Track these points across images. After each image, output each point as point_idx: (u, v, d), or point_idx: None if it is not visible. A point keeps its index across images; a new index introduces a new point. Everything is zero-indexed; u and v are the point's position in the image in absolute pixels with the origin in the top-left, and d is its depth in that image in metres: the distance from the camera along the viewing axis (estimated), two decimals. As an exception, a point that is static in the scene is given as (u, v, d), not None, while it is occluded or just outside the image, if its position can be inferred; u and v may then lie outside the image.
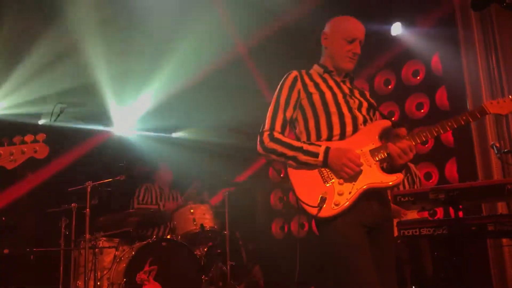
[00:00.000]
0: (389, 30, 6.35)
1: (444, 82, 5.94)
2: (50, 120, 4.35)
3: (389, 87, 6.79)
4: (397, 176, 2.33)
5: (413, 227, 3.69)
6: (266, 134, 2.48)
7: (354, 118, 2.47)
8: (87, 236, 4.60)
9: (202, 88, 6.82)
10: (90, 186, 4.74)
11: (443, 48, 5.83)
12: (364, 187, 2.31)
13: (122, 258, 4.69)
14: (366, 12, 6.18)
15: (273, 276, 6.40)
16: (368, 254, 2.27)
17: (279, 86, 2.57)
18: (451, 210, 3.67)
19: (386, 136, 2.49)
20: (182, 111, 7.32)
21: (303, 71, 2.62)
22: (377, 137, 2.43)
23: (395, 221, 4.52)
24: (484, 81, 5.16)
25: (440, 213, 5.72)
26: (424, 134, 2.41)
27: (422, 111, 6.36)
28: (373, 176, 2.34)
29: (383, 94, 6.77)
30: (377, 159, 2.37)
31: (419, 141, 2.39)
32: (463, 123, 2.38)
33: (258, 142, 2.51)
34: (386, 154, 2.37)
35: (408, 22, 6.21)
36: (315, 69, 2.66)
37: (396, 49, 6.42)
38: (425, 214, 4.85)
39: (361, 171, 2.33)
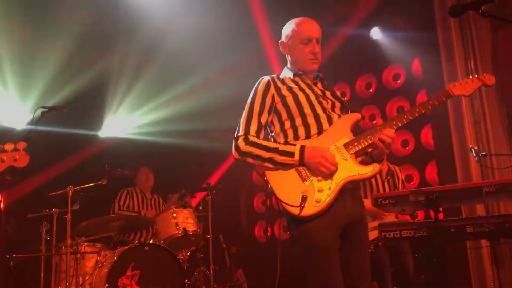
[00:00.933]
0: (370, 34, 6.43)
1: (425, 85, 6.03)
2: (31, 124, 4.30)
3: (370, 90, 6.87)
4: (374, 166, 2.38)
5: (394, 229, 3.72)
6: (241, 138, 2.48)
7: (329, 118, 2.51)
8: (69, 241, 4.55)
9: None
10: (71, 190, 4.69)
11: (424, 52, 5.92)
12: (343, 181, 2.35)
13: (104, 263, 4.65)
14: (347, 16, 6.29)
15: (257, 279, 6.41)
16: (336, 258, 2.32)
17: (252, 93, 2.59)
18: (432, 213, 3.73)
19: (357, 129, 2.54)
20: (167, 114, 7.29)
21: (275, 77, 2.65)
22: (349, 130, 2.48)
23: (376, 223, 4.59)
24: (463, 84, 5.24)
25: (420, 215, 5.80)
26: (394, 122, 2.43)
27: (403, 114, 6.44)
28: (349, 169, 2.37)
29: (364, 98, 6.84)
30: (352, 152, 2.40)
31: (395, 128, 2.43)
32: (430, 107, 2.44)
33: (233, 148, 2.51)
34: (361, 146, 2.40)
35: (389, 26, 6.29)
36: (285, 73, 2.70)
37: (377, 53, 6.50)
38: (406, 217, 4.92)
39: (338, 163, 2.36)
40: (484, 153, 4.53)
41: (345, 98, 6.91)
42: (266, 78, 2.62)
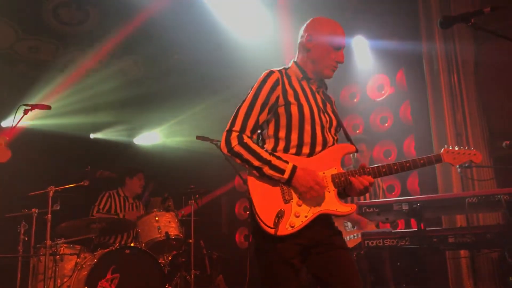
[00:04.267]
0: (356, 44, 6.50)
1: (408, 97, 6.11)
2: (13, 122, 4.22)
3: (355, 100, 6.93)
4: (351, 207, 2.39)
5: (377, 238, 3.76)
6: (234, 134, 2.38)
7: (325, 140, 2.47)
8: (48, 242, 4.47)
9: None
10: (52, 191, 4.62)
11: (408, 64, 6.00)
12: (321, 212, 2.34)
13: (84, 266, 4.57)
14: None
15: (237, 285, 6.37)
16: (294, 275, 2.31)
17: (258, 84, 2.44)
18: (413, 222, 3.78)
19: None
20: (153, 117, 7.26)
21: (283, 72, 2.51)
22: (339, 161, 2.46)
23: (356, 231, 4.62)
24: (446, 96, 5.34)
25: (401, 225, 5.86)
26: (384, 170, 2.46)
27: (386, 124, 6.52)
28: (330, 203, 2.37)
29: (348, 107, 6.90)
30: (336, 186, 2.40)
31: (378, 176, 2.47)
32: (419, 166, 2.52)
33: (223, 140, 2.39)
34: (347, 183, 2.40)
35: (374, 36, 6.36)
36: (294, 70, 2.56)
37: (363, 63, 6.57)
38: (387, 226, 4.96)
39: (322, 195, 2.36)
40: (466, 164, 4.61)
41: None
42: (275, 72, 2.47)
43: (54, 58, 6.62)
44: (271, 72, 2.47)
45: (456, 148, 2.66)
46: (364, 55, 6.51)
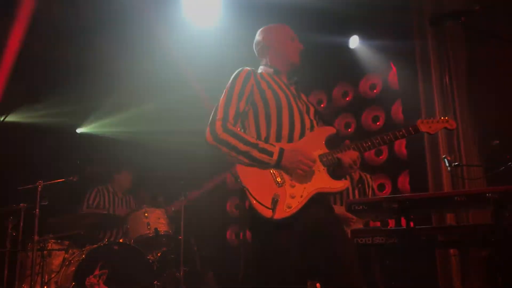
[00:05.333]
0: (348, 43, 6.49)
1: (400, 95, 6.12)
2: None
3: (347, 99, 6.93)
4: (344, 182, 2.47)
5: (366, 236, 3.75)
6: (219, 123, 2.42)
7: (303, 122, 2.55)
8: (36, 237, 4.44)
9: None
10: (41, 185, 4.58)
11: (400, 62, 6.01)
12: (314, 190, 2.38)
13: (72, 261, 4.55)
14: (325, 24, 6.34)
15: (227, 283, 6.36)
16: (295, 264, 2.32)
17: (231, 79, 2.57)
18: (403, 221, 3.77)
19: (330, 142, 2.59)
20: (146, 113, 7.21)
21: (254, 70, 2.67)
22: (323, 143, 2.54)
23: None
24: (438, 96, 5.35)
25: (391, 223, 5.86)
26: (367, 145, 2.53)
27: (378, 124, 6.52)
28: (322, 181, 2.43)
29: (340, 106, 6.90)
30: (325, 164, 2.45)
31: (363, 151, 2.55)
32: (399, 137, 2.61)
33: (208, 131, 2.43)
34: (334, 160, 2.46)
35: (366, 35, 6.37)
36: (263, 69, 2.73)
37: (354, 62, 6.57)
38: (377, 224, 4.96)
39: (313, 172, 2.38)
40: (456, 163, 4.62)
41: (322, 105, 6.96)
42: (246, 68, 2.62)
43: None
44: (242, 68, 2.62)
45: (430, 119, 2.76)
46: (357, 53, 6.51)
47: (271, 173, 2.38)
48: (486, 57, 5.32)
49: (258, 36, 2.83)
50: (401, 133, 2.59)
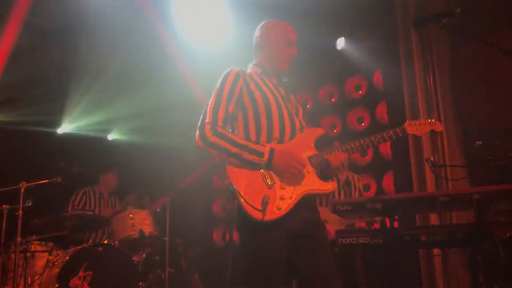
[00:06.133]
0: (335, 44, 6.52)
1: (385, 97, 6.16)
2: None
3: (332, 100, 6.96)
4: (333, 184, 2.48)
5: (350, 236, 3.77)
6: (208, 127, 2.42)
7: (293, 123, 2.55)
8: (19, 239, 4.39)
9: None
10: (24, 186, 4.53)
11: (385, 64, 6.05)
12: (304, 192, 2.40)
13: (56, 263, 4.51)
14: (312, 25, 6.36)
15: (212, 284, 6.36)
16: (281, 267, 2.33)
17: (220, 80, 2.54)
18: (388, 221, 3.80)
19: (319, 143, 2.61)
20: (126, 114, 7.17)
21: (243, 70, 2.63)
22: (312, 144, 2.55)
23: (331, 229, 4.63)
24: (422, 97, 5.40)
25: (376, 224, 5.90)
26: (355, 146, 2.55)
27: (362, 124, 6.56)
28: (311, 182, 2.44)
29: (326, 106, 6.93)
30: (314, 166, 2.47)
31: (351, 153, 2.56)
32: (387, 139, 2.62)
33: (198, 135, 2.43)
34: (323, 162, 2.48)
35: (352, 37, 6.40)
36: (253, 69, 2.69)
37: (340, 63, 6.60)
38: (363, 225, 5.00)
39: (303, 174, 2.40)
40: (440, 164, 4.66)
41: (308, 107, 6.98)
42: (234, 69, 2.59)
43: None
44: (230, 69, 2.59)
45: (417, 121, 2.78)
46: (343, 54, 6.54)
47: (262, 174, 2.39)
48: (469, 58, 5.39)
49: (257, 31, 2.76)
50: (389, 135, 2.61)
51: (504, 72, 5.00)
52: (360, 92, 6.67)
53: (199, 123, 2.46)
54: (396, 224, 3.68)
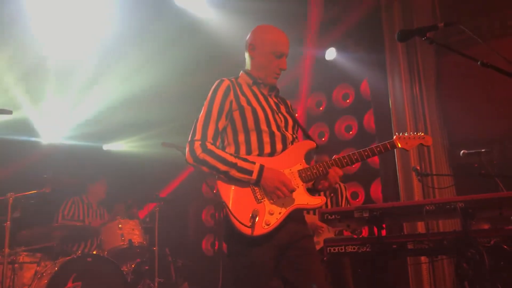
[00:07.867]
0: (324, 54, 6.59)
1: (372, 106, 6.24)
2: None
3: (320, 108, 7.03)
4: (321, 199, 2.47)
5: (339, 245, 3.80)
6: (197, 143, 2.42)
7: (284, 137, 2.54)
8: (6, 250, 4.37)
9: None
10: (12, 197, 4.51)
11: (372, 74, 6.13)
12: (293, 207, 2.41)
13: (44, 274, 4.48)
14: (302, 35, 6.43)
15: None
16: (269, 278, 2.35)
17: (211, 94, 2.52)
18: (376, 230, 3.84)
19: (309, 156, 2.62)
20: (114, 123, 7.15)
21: (234, 80, 2.61)
22: (303, 157, 2.55)
23: (315, 239, 4.66)
24: (408, 106, 5.48)
25: (365, 232, 5.95)
26: (345, 160, 2.56)
27: (350, 133, 6.63)
28: (300, 197, 2.44)
29: (314, 115, 6.99)
30: (304, 180, 2.47)
31: (341, 167, 2.55)
32: (377, 153, 2.65)
33: (188, 151, 2.43)
34: (313, 176, 2.49)
35: (341, 47, 6.47)
36: (244, 78, 2.66)
37: (329, 72, 6.67)
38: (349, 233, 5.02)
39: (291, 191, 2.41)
40: (426, 173, 4.73)
41: (296, 115, 7.03)
42: (226, 80, 2.56)
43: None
44: (221, 81, 2.56)
45: (406, 134, 2.81)
46: (331, 64, 6.61)
47: (252, 189, 2.41)
48: (454, 69, 5.49)
49: (248, 37, 2.69)
50: (378, 148, 2.64)
51: (489, 82, 5.10)
52: (348, 101, 6.74)
53: (189, 139, 2.46)
54: (383, 233, 3.72)
